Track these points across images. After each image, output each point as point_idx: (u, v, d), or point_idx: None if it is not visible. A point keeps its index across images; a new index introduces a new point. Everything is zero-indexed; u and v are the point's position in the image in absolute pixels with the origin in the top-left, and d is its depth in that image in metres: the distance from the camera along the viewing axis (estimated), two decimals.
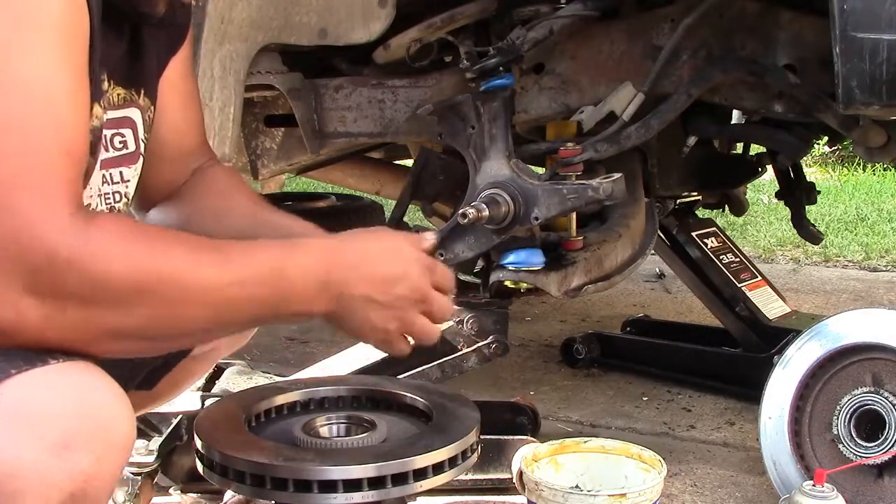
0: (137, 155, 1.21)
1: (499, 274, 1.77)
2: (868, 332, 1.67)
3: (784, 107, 1.82)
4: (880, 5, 1.43)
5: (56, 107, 0.91)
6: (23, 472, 0.83)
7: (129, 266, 0.91)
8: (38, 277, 0.87)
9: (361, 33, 1.84)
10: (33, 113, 0.89)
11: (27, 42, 0.89)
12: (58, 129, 0.91)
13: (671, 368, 2.52)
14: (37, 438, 0.84)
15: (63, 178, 0.90)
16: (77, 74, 0.94)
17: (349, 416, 1.31)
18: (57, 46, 0.91)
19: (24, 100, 0.89)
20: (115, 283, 0.90)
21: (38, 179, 0.88)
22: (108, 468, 0.88)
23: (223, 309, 0.97)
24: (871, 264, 4.18)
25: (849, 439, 1.63)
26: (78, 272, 0.88)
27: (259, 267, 0.99)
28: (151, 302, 0.92)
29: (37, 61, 0.90)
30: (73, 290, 0.88)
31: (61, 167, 0.90)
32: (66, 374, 0.88)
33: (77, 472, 0.85)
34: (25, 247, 0.86)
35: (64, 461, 0.84)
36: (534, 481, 1.39)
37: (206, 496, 1.63)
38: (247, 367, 2.14)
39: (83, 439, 0.85)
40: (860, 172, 7.14)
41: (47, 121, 0.90)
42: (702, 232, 2.52)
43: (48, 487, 0.83)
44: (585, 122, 1.86)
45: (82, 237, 0.88)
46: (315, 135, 2.00)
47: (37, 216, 0.87)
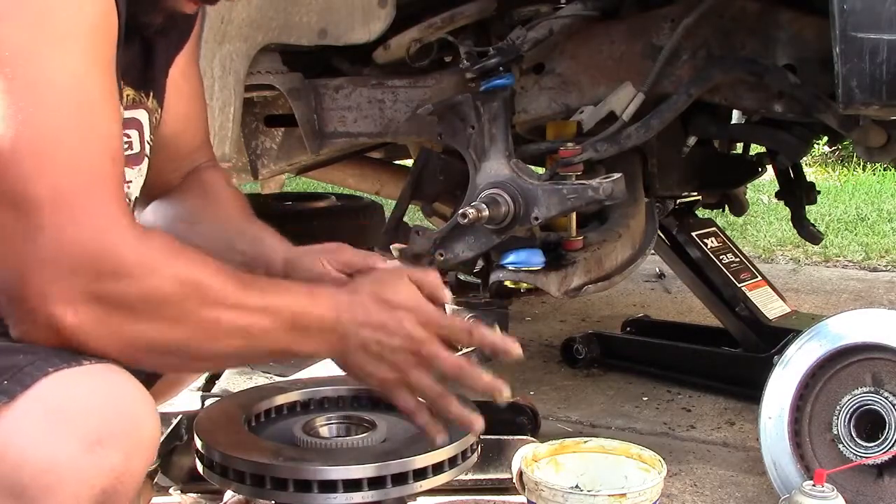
0: (142, 156, 1.22)
1: (499, 274, 1.77)
2: (868, 332, 1.67)
3: (784, 107, 1.82)
4: (880, 5, 1.43)
5: (98, 111, 0.92)
6: (57, 468, 0.84)
7: (179, 281, 0.94)
8: (97, 283, 0.89)
9: (361, 33, 1.84)
10: (77, 117, 0.91)
11: (63, 47, 0.90)
12: (102, 134, 0.93)
13: (671, 368, 2.52)
14: (72, 435, 0.85)
15: (113, 184, 0.93)
16: (111, 80, 0.96)
17: (349, 416, 1.31)
18: (92, 51, 0.92)
19: (66, 104, 0.90)
20: (165, 295, 0.93)
21: (94, 184, 0.90)
22: (137, 466, 0.90)
23: (249, 333, 1.00)
24: (871, 264, 4.18)
25: (849, 439, 1.63)
26: (135, 281, 0.91)
27: (284, 303, 1.03)
28: (191, 317, 0.96)
29: (75, 66, 0.91)
30: (126, 298, 0.91)
31: (110, 172, 0.93)
32: (98, 374, 0.90)
33: (109, 469, 0.86)
34: (89, 252, 0.89)
35: (97, 458, 0.86)
36: (534, 481, 1.39)
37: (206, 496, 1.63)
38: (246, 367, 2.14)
39: (115, 437, 0.87)
40: (860, 172, 7.14)
41: (91, 125, 0.91)
42: (702, 232, 2.52)
43: (81, 483, 0.85)
44: (585, 122, 1.86)
45: (143, 249, 0.92)
46: (315, 135, 2.00)
47: (102, 221, 0.90)
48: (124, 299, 0.91)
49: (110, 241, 0.90)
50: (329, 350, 1.09)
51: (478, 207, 1.67)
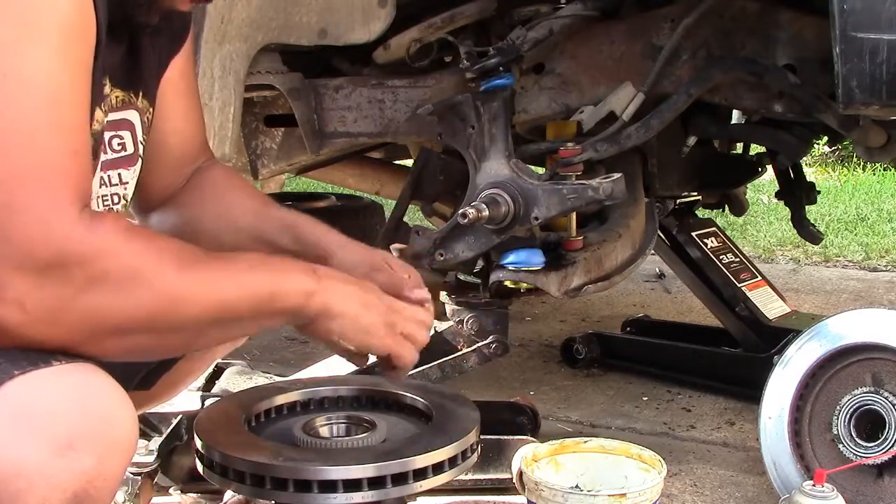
0: (136, 157, 1.21)
1: (499, 274, 1.77)
2: (868, 332, 1.67)
3: (784, 107, 1.82)
4: (880, 5, 1.43)
5: (62, 106, 0.91)
6: (26, 472, 0.83)
7: (130, 260, 0.92)
8: (45, 275, 0.87)
9: (361, 33, 1.84)
10: (40, 111, 0.90)
11: (34, 43, 0.90)
12: (64, 130, 0.92)
13: (671, 368, 2.52)
14: (40, 438, 0.84)
15: (71, 178, 0.91)
16: (82, 77, 0.95)
17: (349, 416, 1.31)
18: (63, 48, 0.92)
19: (31, 100, 0.89)
20: (118, 276, 0.91)
21: (46, 178, 0.89)
22: (111, 469, 0.88)
23: (215, 306, 0.99)
24: (871, 264, 4.18)
25: (849, 439, 1.63)
26: (85, 270, 0.89)
27: (255, 271, 1.03)
28: (150, 295, 0.93)
29: (43, 62, 0.90)
30: (79, 287, 0.89)
31: (69, 167, 0.91)
32: (69, 374, 0.88)
33: (80, 473, 0.85)
34: (35, 244, 0.87)
35: (67, 461, 0.84)
36: (534, 481, 1.39)
37: (206, 496, 1.63)
38: (247, 367, 2.14)
39: (86, 440, 0.86)
40: (860, 172, 7.14)
41: (54, 119, 0.91)
42: (702, 232, 2.52)
43: (51, 488, 0.84)
44: (585, 122, 1.86)
45: (89, 236, 0.90)
46: (315, 135, 2.00)
47: (46, 215, 0.88)
48: (74, 285, 0.89)
49: (55, 230, 0.88)
50: (314, 316, 1.08)
51: (478, 207, 1.67)
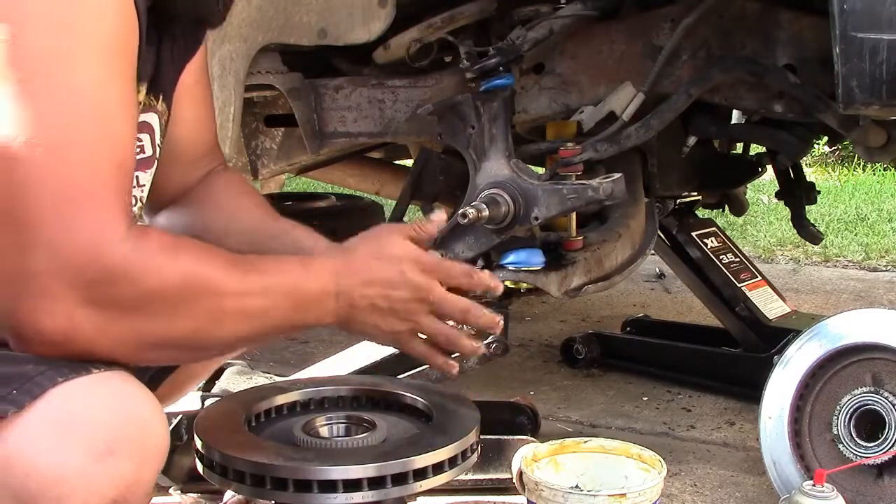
0: (153, 160, 1.22)
1: (499, 274, 1.77)
2: (868, 332, 1.67)
3: (784, 107, 1.82)
4: (880, 5, 1.43)
5: (110, 120, 0.92)
6: (68, 478, 0.84)
7: (177, 278, 0.95)
8: (94, 289, 0.89)
9: (361, 33, 1.84)
10: (90, 123, 0.91)
11: (82, 55, 0.91)
12: (111, 143, 0.92)
13: (671, 368, 2.52)
14: (82, 444, 0.85)
15: (117, 192, 0.93)
16: (128, 87, 0.96)
17: (349, 416, 1.31)
18: (110, 59, 0.93)
19: (79, 112, 0.90)
20: (164, 294, 0.94)
21: (95, 193, 0.90)
22: (147, 475, 0.90)
23: (252, 317, 1.02)
24: (871, 264, 4.18)
25: (849, 439, 1.63)
26: (134, 285, 0.91)
27: (282, 281, 1.05)
28: (194, 311, 0.96)
29: (91, 74, 0.91)
30: (127, 302, 0.91)
31: (115, 180, 0.92)
32: (107, 383, 0.90)
33: (119, 479, 0.86)
34: (85, 260, 0.88)
35: (107, 467, 0.86)
36: (534, 481, 1.39)
37: (206, 496, 1.63)
38: (247, 367, 2.14)
39: (125, 446, 0.87)
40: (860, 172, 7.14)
41: (102, 134, 0.91)
42: (702, 232, 2.52)
43: (91, 494, 0.85)
44: (585, 122, 1.86)
45: (138, 252, 0.92)
46: (315, 135, 2.00)
47: (96, 230, 0.89)
48: (122, 303, 0.91)
49: (105, 247, 0.89)
50: (335, 317, 1.10)
51: (478, 207, 1.67)
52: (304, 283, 1.06)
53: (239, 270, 1.00)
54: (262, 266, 1.05)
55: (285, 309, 1.04)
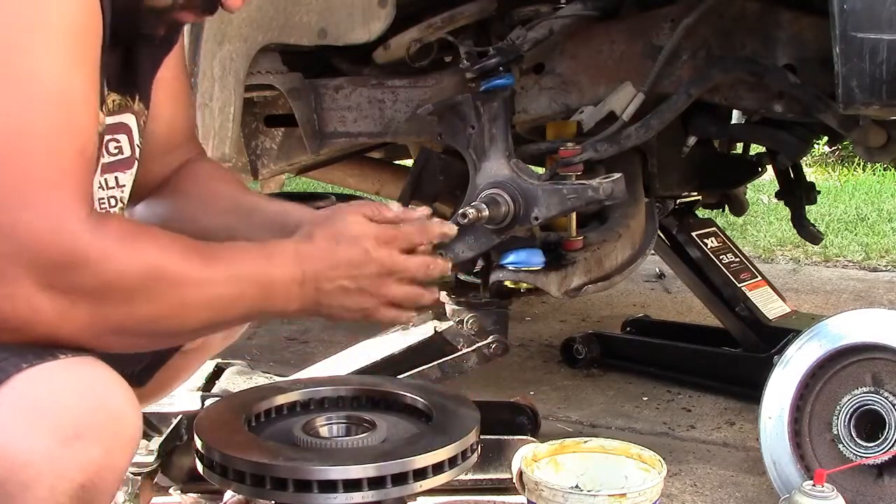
0: (132, 160, 1.22)
1: (499, 274, 1.77)
2: (868, 332, 1.67)
3: (784, 107, 1.82)
4: (880, 5, 1.42)
5: (71, 107, 0.92)
6: (34, 462, 0.84)
7: (138, 265, 0.94)
8: (54, 275, 0.89)
9: (361, 33, 1.84)
10: (50, 113, 0.91)
11: (44, 43, 0.91)
12: (73, 130, 0.93)
13: (671, 368, 2.52)
14: (48, 430, 0.85)
15: (78, 179, 0.92)
16: (90, 77, 0.96)
17: (349, 416, 1.32)
18: (72, 49, 0.93)
19: (41, 100, 0.90)
20: (125, 281, 0.93)
21: (55, 179, 0.90)
22: (117, 461, 0.90)
23: (215, 305, 1.01)
24: (871, 264, 4.18)
25: (849, 439, 1.63)
26: (93, 270, 0.91)
27: (245, 269, 1.04)
28: (155, 298, 0.95)
29: (53, 62, 0.91)
30: (87, 288, 0.91)
31: (76, 167, 0.92)
32: (75, 368, 0.90)
33: (87, 463, 0.86)
34: (44, 245, 0.88)
35: (75, 452, 0.86)
36: (534, 481, 1.39)
37: (206, 496, 1.64)
38: (247, 367, 2.14)
39: (93, 431, 0.87)
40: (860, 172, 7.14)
41: (63, 121, 0.92)
42: (702, 232, 2.52)
43: (58, 478, 0.85)
44: (585, 122, 1.86)
45: (98, 237, 0.91)
46: (315, 135, 2.00)
47: (55, 215, 0.89)
48: (83, 288, 0.90)
49: (63, 232, 0.89)
50: (301, 303, 1.09)
51: (478, 207, 1.67)
52: (269, 270, 1.05)
53: (201, 258, 1.00)
54: (225, 254, 1.04)
55: (251, 297, 1.04)
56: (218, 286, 1.01)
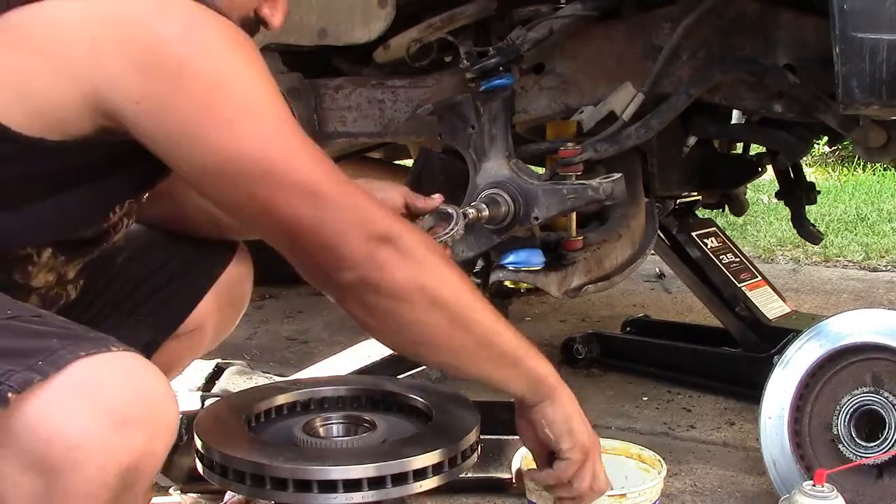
0: None
1: (499, 274, 1.77)
2: (868, 332, 1.67)
3: (784, 107, 1.82)
4: (880, 5, 1.42)
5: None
6: (86, 444, 0.89)
7: (438, 250, 1.13)
8: (382, 239, 1.06)
9: (361, 33, 1.84)
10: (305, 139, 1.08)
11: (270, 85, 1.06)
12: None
13: (671, 368, 2.52)
14: (101, 414, 0.90)
15: None
16: None
17: (349, 416, 1.32)
18: None
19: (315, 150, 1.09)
20: (431, 253, 1.10)
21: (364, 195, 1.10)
22: (159, 448, 0.95)
23: (483, 345, 1.14)
24: (871, 264, 4.18)
25: (849, 439, 1.63)
26: (403, 242, 1.07)
27: (509, 329, 1.17)
28: (445, 316, 1.09)
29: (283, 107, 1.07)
30: (402, 248, 1.06)
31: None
32: (125, 360, 0.95)
33: (133, 448, 0.92)
34: (377, 222, 1.06)
35: (123, 436, 0.91)
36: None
37: (206, 496, 1.64)
38: (247, 367, 2.14)
39: (139, 419, 0.92)
40: (860, 172, 7.14)
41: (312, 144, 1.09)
42: (702, 232, 2.52)
43: (108, 459, 0.90)
44: (585, 122, 1.86)
45: (401, 224, 1.10)
46: (315, 135, 2.00)
47: (374, 210, 1.07)
48: (401, 248, 1.06)
49: (385, 217, 1.08)
50: (553, 380, 1.21)
51: (478, 207, 1.67)
52: (529, 347, 1.19)
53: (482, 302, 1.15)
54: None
55: (507, 354, 1.16)
56: (490, 326, 1.14)
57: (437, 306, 1.08)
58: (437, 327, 1.10)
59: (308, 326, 3.09)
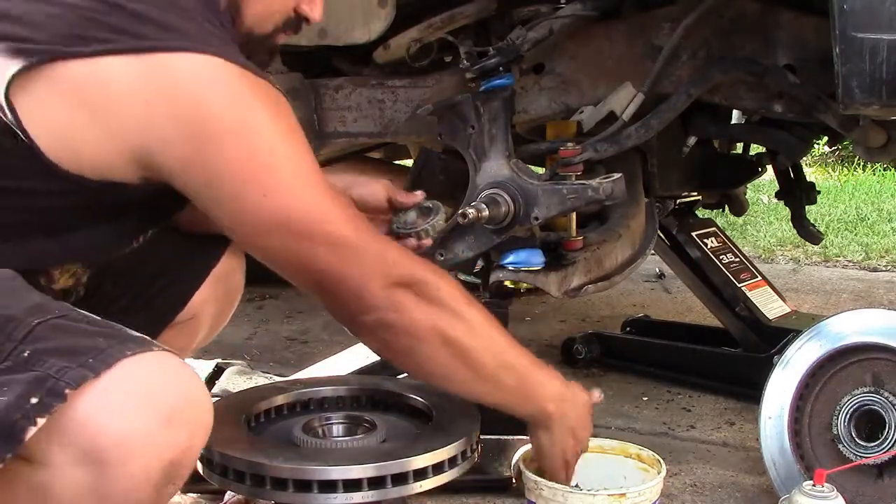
0: None
1: (499, 274, 1.77)
2: (868, 332, 1.67)
3: (784, 107, 1.82)
4: (880, 5, 1.42)
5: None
6: (134, 439, 0.94)
7: (458, 293, 1.22)
8: (403, 283, 1.17)
9: (361, 33, 1.84)
10: (326, 189, 1.15)
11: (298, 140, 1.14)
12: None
13: (671, 368, 2.52)
14: (147, 412, 0.95)
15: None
16: None
17: (349, 416, 1.32)
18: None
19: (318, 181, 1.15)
20: (451, 299, 1.20)
21: (380, 239, 1.22)
22: (197, 444, 1.00)
23: (491, 379, 1.24)
24: (871, 264, 4.18)
25: (849, 439, 1.63)
26: (426, 288, 1.18)
27: (520, 361, 1.28)
28: (455, 354, 1.19)
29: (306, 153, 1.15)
30: (421, 294, 1.17)
31: None
32: (167, 360, 1.00)
33: (176, 444, 0.97)
34: (404, 267, 1.18)
35: (168, 433, 0.96)
36: (533, 481, 1.39)
37: (206, 496, 1.64)
38: (247, 367, 2.14)
39: (182, 417, 0.98)
40: (860, 172, 7.14)
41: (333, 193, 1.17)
42: (702, 232, 2.52)
43: (153, 455, 0.95)
44: (585, 122, 1.86)
45: (424, 267, 1.23)
46: (315, 135, 2.00)
47: (395, 256, 1.19)
48: (420, 293, 1.17)
49: (411, 262, 1.21)
50: (553, 408, 1.33)
51: (478, 207, 1.67)
52: (536, 374, 1.32)
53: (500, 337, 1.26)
54: (512, 346, 1.29)
55: (512, 387, 1.29)
56: (497, 363, 1.24)
57: (448, 344, 1.18)
58: (447, 363, 1.19)
59: (308, 326, 3.09)
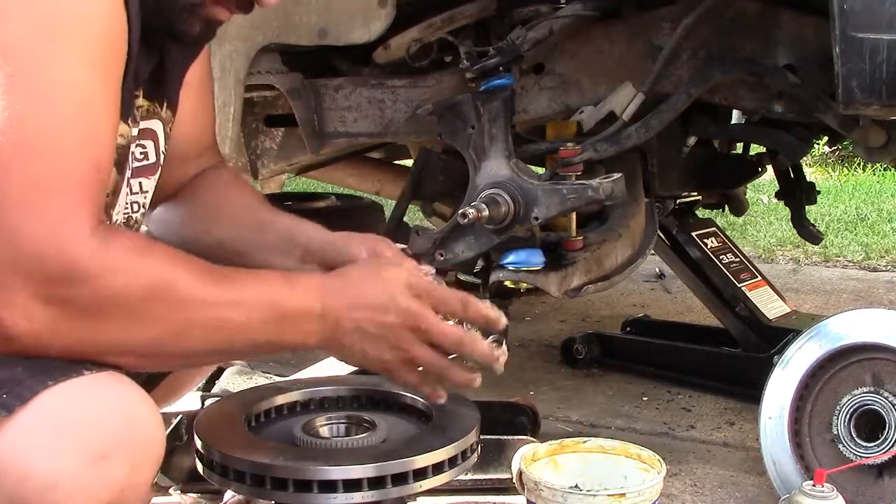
0: (157, 166, 1.22)
1: (499, 274, 1.77)
2: (868, 332, 1.67)
3: (784, 107, 1.82)
4: (880, 5, 1.42)
5: (90, 118, 0.91)
6: (62, 483, 0.83)
7: (141, 282, 0.91)
8: (52, 285, 0.87)
9: (361, 33, 1.84)
10: (68, 121, 0.89)
11: (67, 52, 0.89)
12: (89, 141, 0.91)
13: (671, 368, 2.52)
14: (75, 449, 0.84)
15: (89, 190, 0.90)
16: (112, 89, 0.95)
17: (349, 416, 1.31)
18: (96, 60, 0.91)
19: (60, 108, 0.89)
20: (124, 298, 0.90)
21: (65, 187, 0.88)
22: (144, 477, 0.89)
23: (222, 329, 0.98)
24: (871, 264, 4.18)
25: (849, 439, 1.63)
26: (93, 286, 0.88)
27: (260, 295, 1.00)
28: (157, 317, 0.93)
29: (75, 72, 0.90)
30: (85, 303, 0.88)
31: (88, 178, 0.90)
32: (101, 385, 0.88)
33: (114, 482, 0.86)
34: (45, 255, 0.86)
35: (102, 472, 0.85)
36: (533, 481, 1.39)
37: (206, 496, 1.63)
38: (247, 367, 2.14)
39: (120, 449, 0.86)
40: (860, 172, 7.14)
41: (80, 131, 0.90)
42: (702, 232, 2.52)
43: (86, 498, 0.84)
44: (585, 122, 1.86)
45: (101, 252, 0.89)
46: (315, 135, 2.00)
47: (60, 223, 0.87)
48: (82, 303, 0.88)
49: (67, 242, 0.87)
50: (319, 338, 1.05)
51: (478, 207, 1.67)
52: (286, 299, 1.01)
53: (212, 280, 0.96)
54: (240, 278, 1.00)
55: (262, 324, 0.99)
56: (225, 308, 0.96)
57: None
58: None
59: None
